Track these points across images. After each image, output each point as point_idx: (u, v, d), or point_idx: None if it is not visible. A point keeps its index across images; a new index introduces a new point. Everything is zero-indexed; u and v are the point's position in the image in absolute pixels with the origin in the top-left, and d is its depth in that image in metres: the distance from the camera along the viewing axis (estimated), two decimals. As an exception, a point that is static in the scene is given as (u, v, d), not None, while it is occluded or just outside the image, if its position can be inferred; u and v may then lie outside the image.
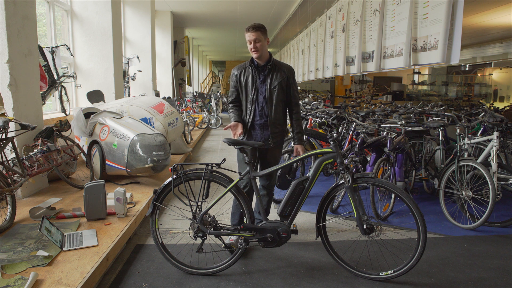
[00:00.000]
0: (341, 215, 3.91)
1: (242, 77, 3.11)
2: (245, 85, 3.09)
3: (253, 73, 3.06)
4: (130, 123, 4.58)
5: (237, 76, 3.14)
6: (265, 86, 3.04)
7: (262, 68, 3.06)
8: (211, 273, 2.71)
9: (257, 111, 3.06)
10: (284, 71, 3.08)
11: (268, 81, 3.04)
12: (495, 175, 3.62)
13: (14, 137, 3.47)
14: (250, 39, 2.97)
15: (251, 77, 3.06)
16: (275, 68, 3.07)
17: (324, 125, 4.96)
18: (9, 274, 2.31)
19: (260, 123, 3.06)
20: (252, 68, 3.07)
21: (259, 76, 3.07)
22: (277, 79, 3.04)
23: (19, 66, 3.84)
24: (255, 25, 2.97)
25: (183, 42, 14.09)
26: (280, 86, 3.04)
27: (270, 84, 3.04)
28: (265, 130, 3.06)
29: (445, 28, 3.44)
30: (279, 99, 3.06)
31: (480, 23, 11.05)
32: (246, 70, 3.10)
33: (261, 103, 3.05)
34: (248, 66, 3.10)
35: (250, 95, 3.06)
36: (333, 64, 6.71)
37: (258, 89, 3.06)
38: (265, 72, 3.05)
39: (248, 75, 3.08)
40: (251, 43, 2.97)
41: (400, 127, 3.99)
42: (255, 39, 2.94)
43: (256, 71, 3.06)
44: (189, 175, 2.68)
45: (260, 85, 3.06)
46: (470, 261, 2.99)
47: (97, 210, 3.27)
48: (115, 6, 6.58)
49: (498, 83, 16.12)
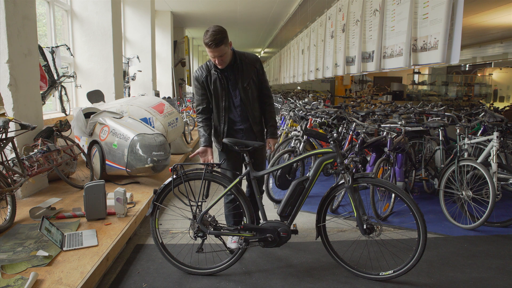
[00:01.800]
0: (341, 215, 3.91)
1: (209, 82, 2.85)
2: (214, 91, 2.84)
3: (220, 78, 2.82)
4: (130, 123, 4.58)
5: (203, 82, 2.85)
6: (237, 87, 2.84)
7: (230, 68, 2.83)
8: (211, 273, 2.71)
9: (237, 116, 2.90)
10: (253, 64, 2.88)
11: (240, 80, 2.83)
12: (495, 175, 3.62)
13: (14, 137, 3.47)
14: (213, 55, 2.69)
15: (219, 82, 2.82)
16: (242, 63, 2.84)
17: (324, 125, 4.95)
18: (9, 274, 2.31)
19: (243, 127, 2.94)
20: (218, 72, 2.82)
21: (229, 78, 2.84)
22: (248, 75, 2.85)
23: (19, 66, 3.84)
24: (217, 40, 2.61)
25: (183, 42, 14.09)
26: (252, 82, 2.88)
27: (242, 82, 2.83)
28: (250, 132, 2.96)
29: (445, 28, 3.44)
30: (254, 95, 2.93)
31: (480, 23, 11.04)
32: (211, 74, 2.83)
33: (239, 107, 2.88)
34: (212, 70, 2.83)
35: (222, 103, 2.84)
36: (333, 64, 6.71)
37: (230, 93, 2.85)
38: (235, 71, 2.82)
39: (215, 80, 2.83)
40: (215, 58, 2.70)
41: (400, 127, 3.99)
42: (219, 55, 2.68)
43: (223, 74, 2.83)
44: (189, 175, 2.68)
45: (232, 88, 2.85)
46: (470, 261, 2.98)
47: (97, 210, 3.27)
48: (115, 6, 6.58)
49: (498, 83, 16.12)
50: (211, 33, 2.64)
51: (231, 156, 3.00)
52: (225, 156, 3.01)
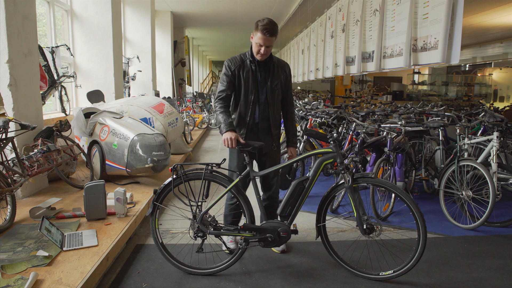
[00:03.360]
0: (341, 215, 3.91)
1: (241, 73, 2.83)
2: (244, 83, 2.83)
3: (253, 70, 2.84)
4: (130, 123, 4.58)
5: (235, 71, 2.83)
6: (265, 85, 2.86)
7: (264, 65, 2.86)
8: (211, 273, 2.71)
9: (257, 113, 2.88)
10: (284, 69, 2.95)
11: (269, 80, 2.86)
12: (495, 175, 3.62)
13: (14, 137, 3.47)
14: (263, 43, 2.69)
15: (252, 74, 2.83)
16: (275, 64, 2.89)
17: (324, 125, 4.96)
18: (9, 274, 2.31)
19: (263, 126, 2.92)
20: (253, 65, 2.84)
21: (260, 74, 2.86)
22: (278, 78, 2.90)
23: (19, 66, 3.84)
24: (273, 30, 2.67)
25: (183, 42, 14.09)
26: (280, 85, 2.92)
27: (271, 83, 2.87)
28: (268, 134, 2.95)
29: (445, 28, 3.44)
30: (279, 99, 2.96)
31: (480, 23, 11.05)
32: (245, 66, 2.84)
33: (262, 104, 2.88)
34: (247, 61, 2.84)
35: (250, 96, 2.85)
36: (333, 64, 6.71)
37: (259, 89, 2.87)
38: (268, 69, 2.86)
39: (247, 72, 2.83)
40: (261, 47, 2.71)
41: (400, 127, 3.99)
42: (268, 45, 2.71)
43: (257, 68, 2.85)
44: (189, 175, 2.68)
45: (261, 84, 2.87)
46: (470, 261, 2.98)
47: (97, 210, 3.27)
48: (115, 6, 6.58)
49: (498, 83, 16.12)
50: (269, 21, 2.69)
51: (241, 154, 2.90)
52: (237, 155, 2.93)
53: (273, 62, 2.89)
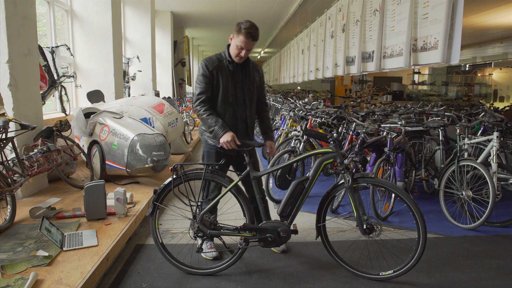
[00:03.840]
0: (341, 215, 3.91)
1: (218, 74, 2.76)
2: (223, 84, 2.77)
3: (230, 71, 2.79)
4: (130, 123, 4.58)
5: (213, 71, 2.75)
6: (243, 87, 2.84)
7: (241, 67, 2.83)
8: (211, 273, 2.71)
9: (236, 115, 2.84)
10: (258, 70, 2.96)
11: (246, 82, 2.85)
12: (495, 175, 3.62)
13: (14, 137, 3.47)
14: (245, 47, 2.69)
15: (231, 76, 2.79)
16: (250, 66, 2.88)
17: (324, 125, 4.96)
18: (9, 274, 2.31)
19: (241, 127, 2.88)
20: (231, 66, 2.80)
21: (237, 75, 2.83)
22: (254, 80, 2.90)
23: (19, 66, 3.84)
24: (256, 35, 2.68)
25: (183, 42, 14.09)
26: (256, 87, 2.92)
27: (249, 85, 2.86)
28: (246, 135, 2.91)
29: (445, 28, 3.44)
30: (255, 100, 2.95)
31: (480, 23, 11.04)
32: (222, 66, 2.78)
33: (240, 106, 2.84)
34: (224, 62, 2.80)
35: (230, 97, 2.79)
36: (333, 64, 6.71)
37: (237, 90, 2.82)
38: (244, 71, 2.84)
39: (225, 73, 2.78)
40: (243, 50, 2.70)
41: (400, 127, 3.99)
42: (248, 49, 2.71)
43: (234, 69, 2.81)
44: (189, 175, 2.68)
45: (239, 86, 2.83)
46: (470, 261, 2.99)
47: (97, 210, 3.27)
48: (115, 6, 6.57)
49: (498, 83, 16.12)
50: (252, 25, 2.68)
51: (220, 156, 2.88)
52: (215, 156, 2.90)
53: (248, 65, 2.88)
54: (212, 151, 2.92)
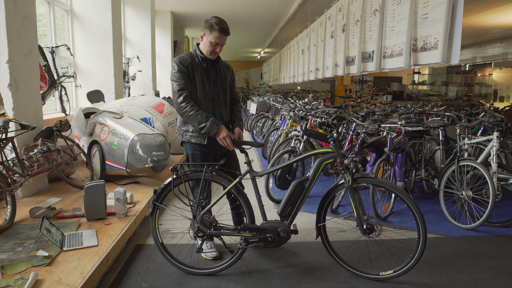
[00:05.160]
0: (341, 215, 3.91)
1: (193, 71, 2.77)
2: (199, 81, 2.78)
3: (204, 68, 2.82)
4: (130, 123, 4.58)
5: (188, 67, 2.74)
6: (216, 84, 2.86)
7: (212, 64, 2.86)
8: (211, 273, 2.71)
9: (216, 113, 2.85)
10: (228, 68, 3.00)
11: (219, 78, 2.88)
12: (495, 175, 3.62)
13: (14, 137, 3.47)
14: (219, 42, 2.73)
15: (205, 73, 2.81)
16: (221, 64, 2.94)
17: (324, 125, 4.96)
18: (9, 274, 2.31)
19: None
20: (204, 63, 2.81)
21: (211, 73, 2.86)
22: (226, 77, 2.94)
23: (19, 66, 3.84)
24: (228, 29, 2.74)
25: (183, 42, 14.08)
26: (228, 84, 2.96)
27: (222, 82, 2.90)
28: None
29: (445, 28, 3.44)
30: (228, 97, 2.98)
31: (480, 23, 11.04)
32: (195, 64, 2.79)
33: (216, 103, 2.85)
34: (196, 60, 2.81)
35: (208, 94, 2.80)
36: (333, 64, 6.71)
37: (212, 88, 2.84)
38: (216, 69, 2.88)
39: (200, 71, 2.79)
40: (217, 46, 2.74)
41: (400, 127, 3.99)
42: (222, 44, 2.77)
43: (207, 67, 2.84)
44: (189, 175, 2.68)
45: (213, 83, 2.85)
46: (470, 261, 2.99)
47: (97, 210, 3.27)
48: (115, 6, 6.57)
49: (498, 83, 16.11)
50: (222, 20, 2.73)
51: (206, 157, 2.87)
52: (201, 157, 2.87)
53: (219, 62, 2.92)
54: (197, 152, 2.88)
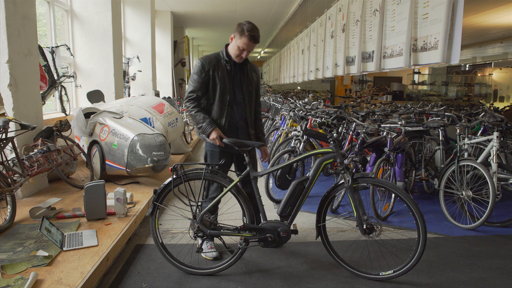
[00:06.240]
0: (341, 215, 3.91)
1: (216, 73, 2.81)
2: (220, 83, 2.82)
3: (228, 71, 2.85)
4: (130, 123, 4.58)
5: (209, 70, 2.81)
6: (242, 86, 2.89)
7: (239, 67, 2.89)
8: (211, 273, 2.71)
9: (236, 114, 2.90)
10: (255, 70, 3.02)
11: (245, 81, 2.91)
12: (495, 175, 3.62)
13: (14, 137, 3.47)
14: (246, 49, 2.76)
15: (228, 75, 2.84)
16: (249, 67, 2.95)
17: (324, 125, 4.96)
18: (9, 274, 2.31)
19: (241, 126, 2.93)
20: (228, 65, 2.85)
21: (236, 74, 2.88)
22: (252, 79, 2.96)
23: (19, 66, 3.84)
24: (258, 37, 2.77)
25: (183, 42, 14.08)
26: (254, 87, 2.98)
27: (247, 84, 2.92)
28: (245, 133, 2.96)
29: (445, 28, 3.44)
30: (253, 100, 3.00)
31: (480, 23, 11.04)
32: (220, 66, 2.83)
33: (240, 104, 2.90)
34: (222, 61, 2.85)
35: (227, 96, 2.84)
36: (333, 64, 6.71)
37: (235, 89, 2.88)
38: (243, 71, 2.90)
39: (223, 73, 2.83)
40: (244, 51, 2.78)
41: (400, 127, 3.99)
42: (249, 50, 2.79)
43: (232, 69, 2.86)
44: (189, 175, 2.68)
45: (237, 85, 2.89)
46: (470, 261, 2.99)
47: (97, 210, 3.27)
48: (115, 6, 6.57)
49: (498, 83, 16.11)
50: (254, 27, 2.76)
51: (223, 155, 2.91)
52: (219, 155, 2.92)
53: (247, 65, 2.93)
54: (216, 150, 2.94)
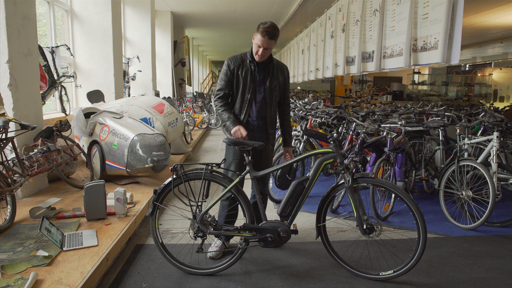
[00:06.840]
0: (341, 215, 3.91)
1: (240, 72, 2.90)
2: (243, 82, 2.90)
3: (252, 70, 2.91)
4: (130, 123, 4.58)
5: (234, 70, 2.91)
6: (264, 85, 2.93)
7: (263, 66, 2.93)
8: (211, 273, 2.71)
9: (254, 112, 2.94)
10: (282, 71, 3.02)
11: (268, 81, 2.93)
12: (495, 175, 3.62)
13: (14, 137, 3.47)
14: (261, 45, 2.78)
15: (250, 74, 2.90)
16: (274, 66, 2.97)
17: (324, 125, 4.96)
18: (9, 274, 2.31)
19: (258, 124, 2.97)
20: (252, 65, 2.91)
21: (259, 74, 2.93)
22: (276, 79, 2.96)
23: (19, 66, 3.84)
24: (273, 34, 2.76)
25: (183, 42, 14.09)
26: (278, 87, 2.98)
27: (270, 84, 2.94)
28: (263, 132, 2.99)
29: (445, 28, 3.44)
30: (276, 100, 3.02)
31: (480, 23, 11.04)
32: (244, 65, 2.91)
33: (259, 103, 2.94)
34: (247, 61, 2.92)
35: (247, 95, 2.90)
36: (333, 64, 6.71)
37: (256, 88, 2.93)
38: (267, 71, 2.93)
39: (246, 72, 2.90)
40: (260, 48, 2.79)
41: (400, 127, 3.99)
42: (266, 48, 2.79)
43: (257, 68, 2.92)
44: (189, 175, 2.68)
45: (259, 84, 2.93)
46: (470, 261, 2.99)
47: (97, 210, 3.27)
48: (115, 6, 6.57)
49: (498, 83, 16.12)
50: (271, 25, 2.81)
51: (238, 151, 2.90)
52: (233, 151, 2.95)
53: (272, 64, 2.96)
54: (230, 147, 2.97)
